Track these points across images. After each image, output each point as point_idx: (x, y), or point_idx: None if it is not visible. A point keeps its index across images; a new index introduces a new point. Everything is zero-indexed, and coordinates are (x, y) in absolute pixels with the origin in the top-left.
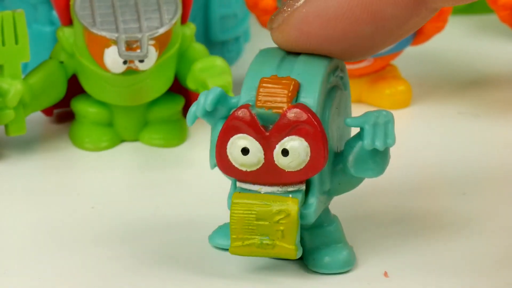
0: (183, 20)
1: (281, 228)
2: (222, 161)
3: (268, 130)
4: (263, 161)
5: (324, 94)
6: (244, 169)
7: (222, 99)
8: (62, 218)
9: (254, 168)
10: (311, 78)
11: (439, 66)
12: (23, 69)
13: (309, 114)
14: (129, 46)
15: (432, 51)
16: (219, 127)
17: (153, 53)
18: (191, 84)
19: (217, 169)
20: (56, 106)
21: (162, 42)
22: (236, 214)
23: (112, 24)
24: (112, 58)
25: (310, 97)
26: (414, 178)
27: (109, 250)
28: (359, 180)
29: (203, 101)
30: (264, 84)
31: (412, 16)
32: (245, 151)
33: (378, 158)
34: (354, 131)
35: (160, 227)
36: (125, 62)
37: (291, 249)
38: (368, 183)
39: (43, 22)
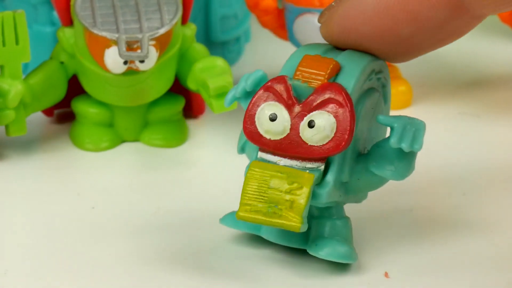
0: (184, 21)
1: (292, 198)
2: (249, 126)
3: (300, 103)
4: (288, 131)
5: (361, 84)
6: (268, 136)
7: (262, 82)
8: (62, 218)
9: (278, 138)
10: (353, 64)
11: (440, 66)
12: (24, 70)
13: (343, 93)
14: (130, 46)
15: (432, 52)
16: None
17: (153, 54)
18: (191, 84)
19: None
20: (57, 106)
21: (162, 43)
22: (251, 180)
23: (112, 25)
24: (113, 59)
25: (348, 81)
26: (414, 179)
27: (109, 250)
28: (379, 180)
29: (244, 83)
30: (306, 59)
31: (450, 19)
32: (273, 118)
33: (401, 161)
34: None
35: (161, 227)
36: (125, 63)
37: (297, 220)
38: None
39: (43, 22)
